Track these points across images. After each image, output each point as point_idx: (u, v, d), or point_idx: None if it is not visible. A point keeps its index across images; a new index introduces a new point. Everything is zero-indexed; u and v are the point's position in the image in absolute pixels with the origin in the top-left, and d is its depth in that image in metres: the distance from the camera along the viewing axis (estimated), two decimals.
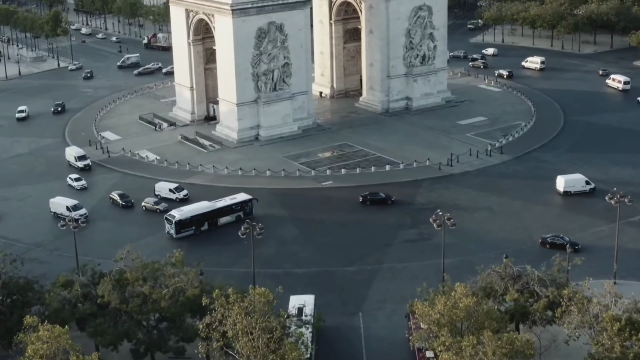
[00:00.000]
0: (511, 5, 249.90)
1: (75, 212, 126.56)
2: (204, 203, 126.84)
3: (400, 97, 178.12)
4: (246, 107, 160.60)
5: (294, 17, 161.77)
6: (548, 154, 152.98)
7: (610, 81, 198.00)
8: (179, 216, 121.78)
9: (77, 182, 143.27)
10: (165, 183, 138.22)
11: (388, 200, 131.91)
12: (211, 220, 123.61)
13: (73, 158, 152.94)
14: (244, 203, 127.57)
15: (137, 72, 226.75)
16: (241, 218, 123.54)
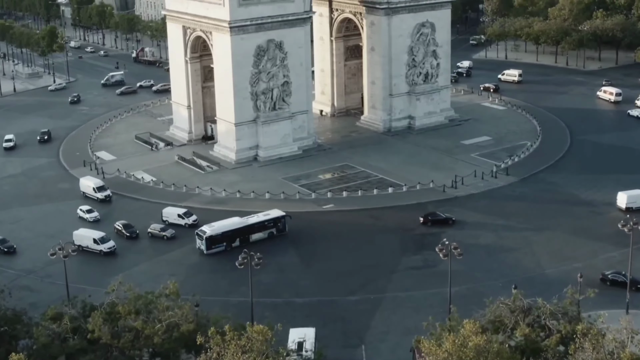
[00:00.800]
0: (514, 20, 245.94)
1: (103, 244, 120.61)
2: (235, 219, 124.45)
3: (402, 116, 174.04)
4: (245, 127, 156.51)
5: (294, 35, 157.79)
6: (555, 175, 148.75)
7: (602, 93, 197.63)
8: (210, 232, 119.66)
9: (89, 214, 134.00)
10: (173, 208, 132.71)
11: (449, 221, 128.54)
12: (243, 236, 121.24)
13: (91, 189, 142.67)
14: (277, 219, 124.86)
15: (119, 91, 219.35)
16: (274, 235, 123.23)
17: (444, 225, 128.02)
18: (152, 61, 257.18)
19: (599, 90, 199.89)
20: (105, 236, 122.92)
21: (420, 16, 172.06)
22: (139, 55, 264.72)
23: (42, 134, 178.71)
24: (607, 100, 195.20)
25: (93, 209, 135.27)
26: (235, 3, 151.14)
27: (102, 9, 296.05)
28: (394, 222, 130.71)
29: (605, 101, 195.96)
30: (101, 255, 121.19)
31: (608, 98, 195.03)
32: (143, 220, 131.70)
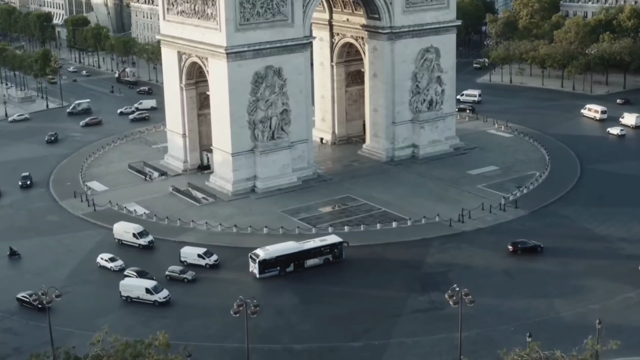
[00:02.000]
0: (519, 44, 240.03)
1: (157, 294, 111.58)
2: (291, 243, 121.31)
3: (406, 144, 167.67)
4: (242, 157, 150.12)
5: (294, 61, 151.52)
6: (566, 208, 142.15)
7: (587, 111, 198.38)
8: (263, 255, 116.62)
9: (113, 262, 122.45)
10: (192, 248, 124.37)
11: (537, 248, 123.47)
12: (297, 261, 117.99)
13: (130, 235, 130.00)
14: (333, 246, 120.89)
15: (83, 122, 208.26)
16: (330, 261, 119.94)
17: (531, 254, 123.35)
18: (133, 81, 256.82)
19: (583, 109, 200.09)
20: (157, 285, 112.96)
21: (424, 41, 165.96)
22: (121, 76, 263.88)
23: (23, 179, 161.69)
24: (592, 118, 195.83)
25: (116, 257, 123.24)
26: (232, 28, 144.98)
27: (97, 31, 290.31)
28: (398, 260, 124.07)
29: (590, 119, 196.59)
30: (155, 306, 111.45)
31: (593, 116, 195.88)
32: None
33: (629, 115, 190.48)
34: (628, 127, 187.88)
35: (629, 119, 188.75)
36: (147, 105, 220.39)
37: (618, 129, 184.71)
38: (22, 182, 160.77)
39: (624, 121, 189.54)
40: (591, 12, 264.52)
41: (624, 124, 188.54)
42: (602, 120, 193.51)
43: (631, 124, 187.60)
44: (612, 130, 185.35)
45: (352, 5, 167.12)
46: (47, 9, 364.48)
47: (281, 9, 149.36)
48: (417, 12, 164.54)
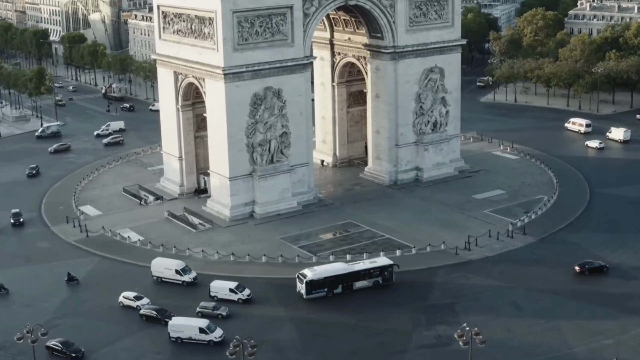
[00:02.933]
0: (524, 62, 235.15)
1: (213, 333, 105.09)
2: (339, 264, 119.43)
3: (409, 167, 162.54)
4: (240, 182, 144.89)
5: (293, 82, 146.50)
6: (577, 234, 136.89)
7: (570, 125, 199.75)
8: (311, 276, 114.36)
9: (139, 300, 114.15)
10: (223, 282, 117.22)
11: (604, 268, 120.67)
12: (346, 283, 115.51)
13: (173, 272, 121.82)
14: (383, 268, 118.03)
15: (52, 149, 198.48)
16: (379, 284, 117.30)
17: (598, 274, 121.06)
18: (119, 97, 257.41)
19: (567, 122, 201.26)
20: (210, 324, 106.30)
21: (428, 61, 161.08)
22: (107, 91, 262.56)
23: (14, 216, 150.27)
24: (577, 131, 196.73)
25: (142, 295, 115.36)
26: (230, 48, 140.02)
27: (94, 48, 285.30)
28: (402, 291, 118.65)
29: (574, 132, 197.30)
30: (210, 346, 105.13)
31: (577, 129, 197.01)
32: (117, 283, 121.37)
33: (616, 129, 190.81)
34: (616, 141, 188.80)
35: (617, 133, 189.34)
36: (115, 127, 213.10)
37: (597, 142, 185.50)
38: (15, 220, 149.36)
39: (611, 135, 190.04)
40: (596, 30, 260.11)
41: (611, 138, 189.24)
42: (586, 134, 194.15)
43: (619, 139, 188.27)
44: (590, 143, 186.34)
45: (354, 23, 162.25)
46: (44, 26, 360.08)
47: (281, 28, 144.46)
48: (420, 31, 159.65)
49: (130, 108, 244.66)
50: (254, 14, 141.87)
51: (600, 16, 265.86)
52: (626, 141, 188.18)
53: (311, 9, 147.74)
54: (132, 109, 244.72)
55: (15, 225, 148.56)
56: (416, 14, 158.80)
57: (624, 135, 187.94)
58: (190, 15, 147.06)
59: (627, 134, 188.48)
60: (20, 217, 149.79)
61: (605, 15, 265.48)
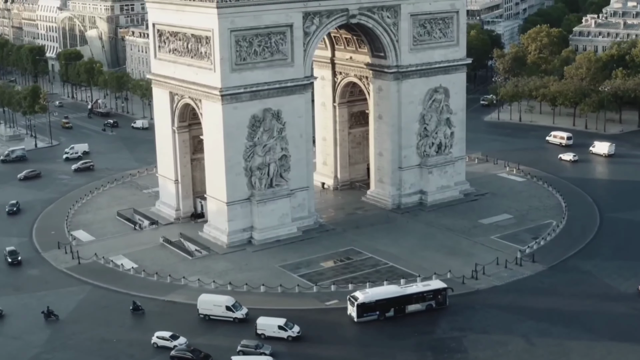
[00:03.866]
0: (528, 80, 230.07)
1: None
2: (392, 287, 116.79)
3: (413, 190, 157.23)
4: (238, 207, 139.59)
5: (293, 103, 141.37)
6: (588, 262, 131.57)
7: (552, 138, 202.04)
8: (362, 299, 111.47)
9: (175, 340, 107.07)
10: (270, 319, 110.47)
11: None
12: (398, 306, 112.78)
13: (223, 309, 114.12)
14: (437, 292, 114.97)
15: (21, 176, 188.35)
16: (432, 308, 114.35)
17: None
18: (105, 113, 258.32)
19: (549, 136, 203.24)
20: None
21: (432, 80, 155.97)
22: (93, 107, 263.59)
23: (11, 255, 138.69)
24: (558, 144, 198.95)
25: (178, 335, 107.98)
26: (227, 68, 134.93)
27: (90, 65, 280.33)
28: (407, 323, 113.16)
29: (556, 145, 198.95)
30: None
31: (559, 142, 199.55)
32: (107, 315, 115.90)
33: (599, 143, 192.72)
34: (600, 155, 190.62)
35: (601, 147, 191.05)
36: (78, 150, 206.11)
37: (571, 154, 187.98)
38: (12, 259, 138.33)
39: (595, 150, 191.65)
40: (601, 47, 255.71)
41: (595, 152, 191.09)
42: (567, 146, 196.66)
43: (604, 153, 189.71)
44: (564, 156, 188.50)
45: (355, 42, 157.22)
46: (40, 42, 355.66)
47: (280, 47, 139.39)
48: (424, 50, 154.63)
49: (114, 124, 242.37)
50: (253, 33, 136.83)
51: (606, 33, 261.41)
52: (611, 155, 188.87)
53: (312, 28, 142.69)
54: (116, 124, 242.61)
55: (12, 264, 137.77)
56: (420, 33, 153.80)
57: (609, 149, 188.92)
58: (186, 34, 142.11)
59: (612, 148, 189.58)
60: (17, 255, 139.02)
61: (610, 32, 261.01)
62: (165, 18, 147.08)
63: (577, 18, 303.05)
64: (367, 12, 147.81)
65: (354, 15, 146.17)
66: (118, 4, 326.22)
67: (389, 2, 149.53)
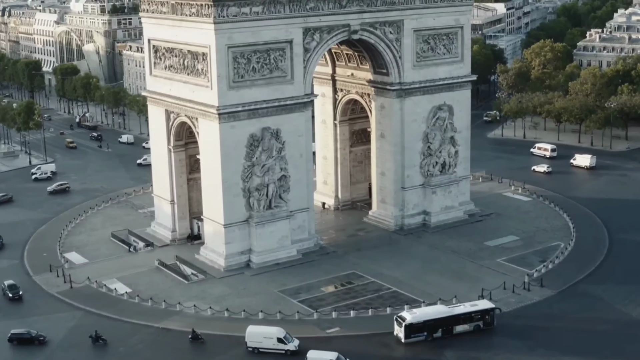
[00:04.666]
0: (532, 96, 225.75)
1: None
2: (440, 307, 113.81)
3: (416, 211, 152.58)
4: (235, 229, 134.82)
5: (293, 122, 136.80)
6: (598, 287, 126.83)
7: (536, 150, 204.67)
8: (410, 319, 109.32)
9: None
10: (320, 352, 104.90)
11: None
12: (446, 327, 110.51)
13: (275, 341, 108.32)
14: (485, 312, 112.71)
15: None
16: (480, 328, 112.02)
17: None
18: (92, 126, 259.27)
19: (533, 148, 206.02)
20: None
21: (436, 98, 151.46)
22: (81, 120, 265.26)
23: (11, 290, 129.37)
24: (542, 156, 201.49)
25: None
26: (225, 86, 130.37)
27: (86, 80, 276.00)
28: (411, 354, 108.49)
29: (540, 157, 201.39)
30: None
31: (543, 154, 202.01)
32: None
33: (580, 156, 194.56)
34: (582, 167, 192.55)
35: (582, 160, 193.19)
36: (46, 170, 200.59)
37: (545, 166, 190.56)
38: (13, 294, 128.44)
39: (577, 162, 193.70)
40: (606, 62, 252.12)
41: (576, 165, 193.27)
42: (552, 158, 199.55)
43: (585, 165, 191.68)
44: (537, 168, 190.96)
45: (357, 58, 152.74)
46: (37, 56, 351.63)
47: (279, 64, 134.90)
48: (428, 66, 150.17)
49: (97, 137, 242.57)
50: (251, 49, 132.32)
51: (611, 48, 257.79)
52: (592, 167, 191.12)
53: (312, 44, 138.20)
54: (100, 138, 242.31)
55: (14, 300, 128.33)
56: (424, 49, 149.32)
57: (590, 161, 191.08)
58: (182, 50, 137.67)
59: (593, 160, 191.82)
60: (17, 290, 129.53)
61: (615, 47, 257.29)
62: (161, 34, 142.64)
63: (580, 32, 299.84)
64: (369, 28, 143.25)
65: (356, 30, 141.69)
66: (115, 18, 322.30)
67: (392, 18, 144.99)
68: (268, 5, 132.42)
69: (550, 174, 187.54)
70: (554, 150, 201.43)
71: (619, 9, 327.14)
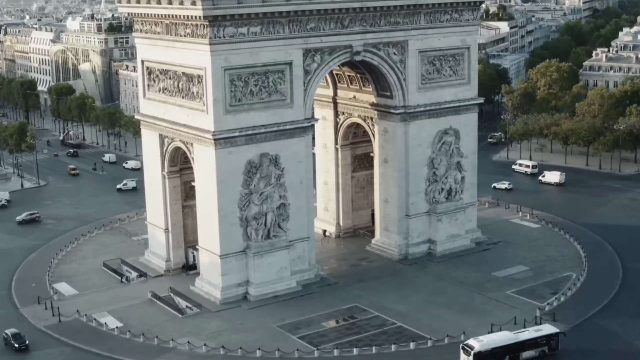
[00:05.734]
0: (538, 117, 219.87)
1: None
2: (506, 333, 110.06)
3: (421, 240, 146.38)
4: (232, 259, 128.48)
5: (293, 147, 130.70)
6: (613, 321, 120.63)
7: (517, 166, 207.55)
8: (479, 347, 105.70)
9: None
10: None
11: None
12: (513, 354, 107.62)
13: None
14: (550, 337, 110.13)
15: None
16: (545, 354, 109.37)
17: None
18: (76, 144, 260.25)
19: (514, 164, 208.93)
20: None
21: (442, 122, 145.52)
22: (65, 138, 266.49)
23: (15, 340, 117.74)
24: (524, 172, 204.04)
25: None
26: (221, 110, 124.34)
27: (82, 101, 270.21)
28: None
29: (521, 174, 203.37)
30: None
31: (524, 171, 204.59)
32: None
33: (549, 173, 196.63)
34: (551, 184, 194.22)
35: (552, 177, 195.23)
36: (1, 198, 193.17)
37: (506, 183, 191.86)
38: (19, 344, 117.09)
39: (545, 179, 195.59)
40: (613, 82, 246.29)
41: (545, 182, 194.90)
42: (533, 175, 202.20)
43: (555, 182, 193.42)
44: (497, 185, 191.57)
45: (359, 80, 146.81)
46: (33, 75, 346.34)
47: (278, 87, 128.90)
48: (434, 89, 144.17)
49: (74, 153, 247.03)
50: (249, 71, 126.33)
51: (617, 67, 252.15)
52: (562, 184, 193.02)
53: (313, 66, 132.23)
54: (76, 154, 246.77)
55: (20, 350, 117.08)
56: (429, 70, 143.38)
57: (560, 178, 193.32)
58: (177, 72, 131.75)
59: (562, 176, 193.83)
60: (23, 339, 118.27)
61: (622, 66, 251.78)
62: (155, 55, 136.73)
63: (585, 51, 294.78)
64: (373, 49, 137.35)
65: (359, 52, 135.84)
66: (112, 36, 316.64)
67: (396, 38, 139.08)
68: (267, 26, 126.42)
69: (511, 190, 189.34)
70: (535, 167, 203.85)
71: (623, 27, 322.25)
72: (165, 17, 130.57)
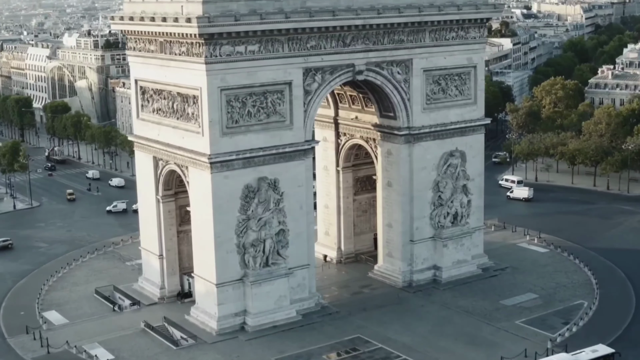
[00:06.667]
0: (544, 137, 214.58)
1: None
2: (563, 355, 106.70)
3: (426, 266, 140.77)
4: (229, 288, 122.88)
5: (292, 171, 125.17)
6: (629, 352, 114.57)
7: (504, 182, 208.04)
8: None
9: None
10: None
11: None
12: None
13: None
14: (606, 357, 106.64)
15: None
16: None
17: None
18: (61, 160, 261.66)
19: (500, 179, 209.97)
20: None
21: (447, 143, 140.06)
22: (50, 154, 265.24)
23: None
24: (509, 188, 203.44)
25: None
26: (217, 132, 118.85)
27: (77, 119, 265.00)
28: None
29: (507, 189, 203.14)
30: None
31: (510, 186, 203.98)
32: None
33: (517, 189, 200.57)
34: (520, 200, 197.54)
35: (520, 192, 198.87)
36: None
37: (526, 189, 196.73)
38: None
39: (514, 195, 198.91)
40: (619, 100, 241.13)
41: (513, 197, 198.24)
42: None
43: (524, 197, 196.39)
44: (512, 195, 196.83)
45: (362, 100, 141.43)
46: (29, 92, 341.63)
47: (277, 107, 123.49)
48: (439, 109, 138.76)
49: (51, 168, 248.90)
50: (246, 92, 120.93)
51: (624, 85, 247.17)
52: (530, 199, 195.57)
53: (313, 85, 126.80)
54: (54, 168, 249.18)
55: None
56: (434, 90, 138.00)
57: (528, 193, 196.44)
58: (171, 92, 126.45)
59: (531, 192, 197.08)
60: None
61: (629, 84, 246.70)
62: (149, 74, 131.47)
63: (589, 68, 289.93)
64: (375, 68, 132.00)
65: (361, 71, 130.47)
66: (109, 53, 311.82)
67: (400, 57, 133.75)
68: (265, 44, 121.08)
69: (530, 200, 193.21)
70: (520, 182, 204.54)
71: (627, 43, 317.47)
72: (160, 35, 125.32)
